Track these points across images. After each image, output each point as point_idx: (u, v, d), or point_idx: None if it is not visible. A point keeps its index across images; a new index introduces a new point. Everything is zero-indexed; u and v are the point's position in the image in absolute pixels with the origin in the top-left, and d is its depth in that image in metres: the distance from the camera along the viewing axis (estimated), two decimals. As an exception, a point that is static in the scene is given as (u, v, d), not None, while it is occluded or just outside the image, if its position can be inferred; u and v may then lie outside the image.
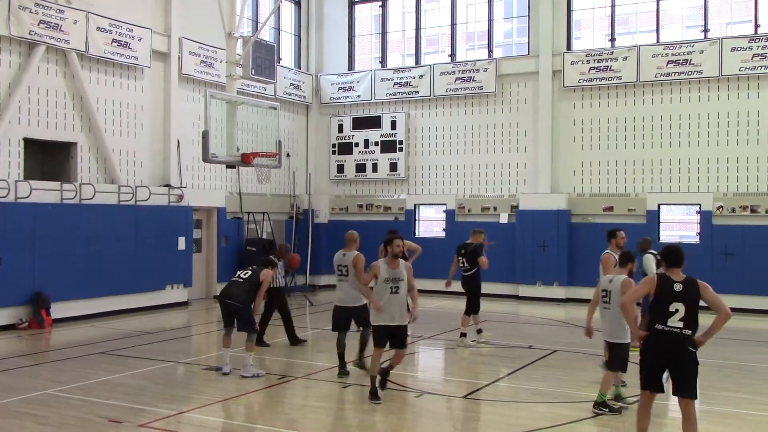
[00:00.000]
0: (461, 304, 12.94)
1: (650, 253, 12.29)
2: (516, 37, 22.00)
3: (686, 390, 6.52)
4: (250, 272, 10.51)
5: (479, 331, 12.86)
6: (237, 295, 10.23)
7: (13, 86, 14.67)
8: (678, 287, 6.51)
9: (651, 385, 6.63)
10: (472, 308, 12.66)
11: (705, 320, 6.49)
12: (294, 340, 12.55)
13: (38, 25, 14.73)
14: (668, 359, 6.51)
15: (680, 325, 6.43)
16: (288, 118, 21.85)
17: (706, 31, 18.59)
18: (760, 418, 8.28)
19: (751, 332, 14.59)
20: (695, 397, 6.53)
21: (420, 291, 12.61)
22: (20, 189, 14.18)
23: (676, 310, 6.43)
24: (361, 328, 10.27)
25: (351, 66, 22.99)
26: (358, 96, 22.31)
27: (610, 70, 19.08)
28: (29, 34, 14.61)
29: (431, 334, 13.56)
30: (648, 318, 6.65)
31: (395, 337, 8.90)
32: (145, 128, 17.46)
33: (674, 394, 6.71)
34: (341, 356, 10.20)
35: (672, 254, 6.73)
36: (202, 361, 11.40)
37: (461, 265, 12.78)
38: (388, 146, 21.84)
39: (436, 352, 12.58)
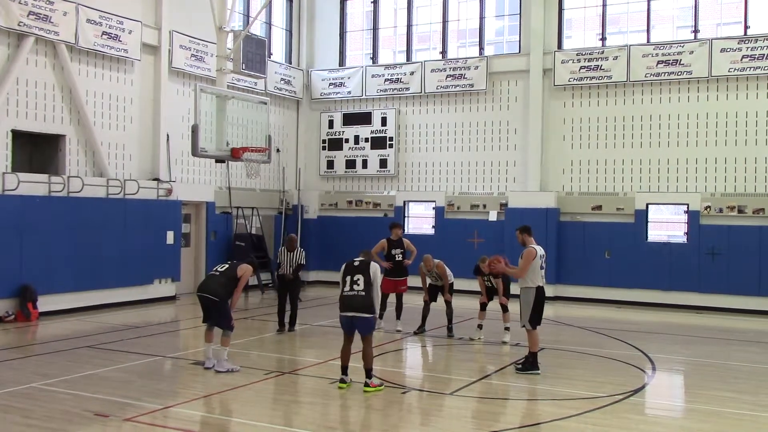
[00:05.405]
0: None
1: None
2: (507, 35, 22.05)
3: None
4: (227, 266, 10.35)
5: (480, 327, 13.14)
6: (212, 288, 10.08)
7: (2, 78, 14.55)
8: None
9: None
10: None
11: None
12: (287, 326, 13.40)
13: (27, 16, 14.64)
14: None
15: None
16: (278, 113, 21.81)
17: (696, 31, 18.68)
18: (742, 416, 8.35)
19: (736, 332, 14.70)
20: None
21: (409, 288, 14.54)
22: (8, 181, 14.10)
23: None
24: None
25: (342, 62, 22.96)
26: (349, 92, 22.29)
27: (600, 69, 19.14)
28: (18, 25, 14.51)
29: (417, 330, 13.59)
30: None
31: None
32: (134, 121, 17.39)
33: None
34: (425, 318, 13.52)
35: None
36: (189, 355, 11.38)
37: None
38: (379, 142, 21.85)
39: (422, 349, 12.61)
